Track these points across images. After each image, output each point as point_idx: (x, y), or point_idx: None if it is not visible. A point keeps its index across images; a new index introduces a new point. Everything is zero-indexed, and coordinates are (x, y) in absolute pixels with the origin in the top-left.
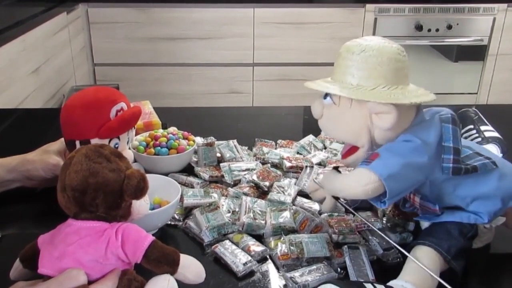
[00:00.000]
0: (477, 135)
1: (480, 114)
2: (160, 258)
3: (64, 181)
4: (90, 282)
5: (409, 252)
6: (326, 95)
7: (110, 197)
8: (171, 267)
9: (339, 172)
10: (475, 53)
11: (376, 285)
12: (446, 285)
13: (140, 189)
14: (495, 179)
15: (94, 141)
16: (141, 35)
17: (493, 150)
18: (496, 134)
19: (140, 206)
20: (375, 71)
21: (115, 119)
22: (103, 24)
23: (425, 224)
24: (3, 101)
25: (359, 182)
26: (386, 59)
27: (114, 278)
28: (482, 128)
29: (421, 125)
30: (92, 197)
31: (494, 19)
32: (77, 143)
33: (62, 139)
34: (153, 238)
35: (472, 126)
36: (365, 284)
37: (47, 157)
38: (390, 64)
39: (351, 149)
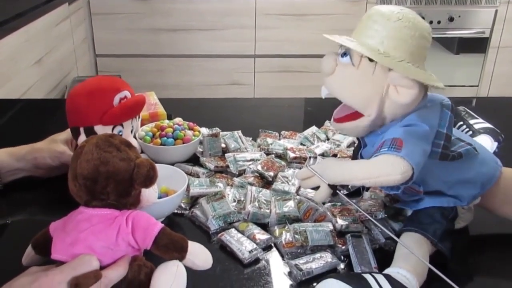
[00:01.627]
0: (467, 129)
1: (468, 110)
2: (169, 245)
3: (75, 169)
4: (101, 268)
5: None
6: (345, 53)
7: (121, 185)
8: (180, 253)
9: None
10: (477, 45)
11: (374, 275)
12: (435, 270)
13: (150, 178)
14: (476, 165)
15: (98, 128)
16: (143, 26)
17: (487, 140)
18: (487, 124)
19: (149, 194)
20: (405, 44)
21: (118, 106)
22: (105, 15)
23: (408, 212)
24: (6, 92)
25: (397, 170)
26: (418, 34)
27: (124, 264)
28: (472, 121)
29: (425, 109)
30: (103, 185)
31: (496, 12)
32: (81, 130)
33: (69, 129)
34: (162, 225)
35: (461, 123)
36: (364, 275)
37: (54, 145)
38: (421, 40)
39: (350, 115)
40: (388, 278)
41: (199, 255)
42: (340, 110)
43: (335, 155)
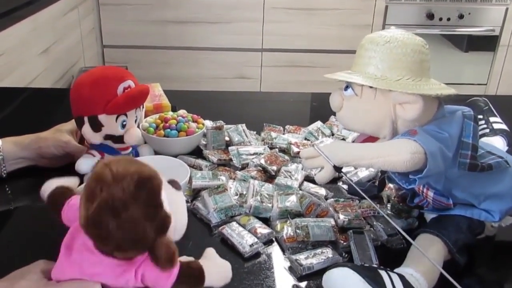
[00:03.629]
0: (485, 125)
1: (490, 105)
2: (188, 286)
3: (86, 212)
4: None
5: (414, 239)
6: (347, 86)
7: (132, 255)
8: (197, 285)
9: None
10: (486, 43)
11: (390, 273)
12: (450, 278)
13: (169, 268)
14: (508, 178)
15: (102, 117)
16: (151, 18)
17: (500, 142)
18: (504, 126)
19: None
20: (399, 62)
21: (122, 95)
22: (113, 5)
23: (430, 216)
24: (13, 80)
25: (407, 149)
26: (410, 50)
27: None
28: (491, 119)
29: (444, 119)
30: (110, 251)
31: (507, 9)
32: (85, 119)
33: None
34: (176, 275)
35: (481, 116)
36: (380, 272)
37: (59, 135)
38: (415, 55)
39: (368, 139)
40: (402, 279)
41: (217, 276)
42: (358, 136)
43: (343, 140)
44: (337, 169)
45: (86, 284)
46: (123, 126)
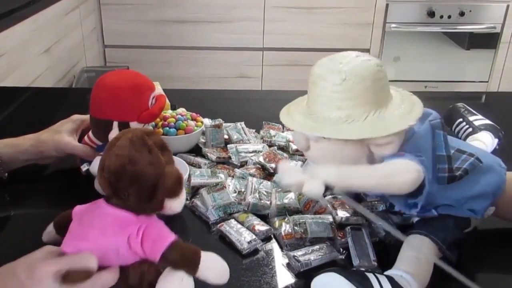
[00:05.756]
0: (467, 126)
1: (467, 106)
2: (179, 260)
3: (104, 161)
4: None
5: (402, 242)
6: None
7: (143, 190)
8: (190, 269)
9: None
10: (488, 41)
11: (378, 275)
12: (447, 267)
13: (174, 190)
14: (482, 176)
15: (133, 124)
16: (152, 18)
17: (487, 137)
18: (486, 121)
19: (173, 203)
20: (362, 99)
21: (156, 106)
22: (114, 5)
23: (415, 218)
24: (15, 80)
25: (412, 167)
26: (371, 82)
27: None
28: (471, 118)
29: (415, 138)
30: (125, 185)
31: (508, 7)
32: (115, 124)
33: (74, 117)
34: (173, 238)
35: (461, 119)
36: (368, 275)
37: (59, 137)
38: (376, 86)
39: None
40: (391, 281)
41: (213, 270)
42: None
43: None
44: (327, 186)
45: (85, 256)
46: None
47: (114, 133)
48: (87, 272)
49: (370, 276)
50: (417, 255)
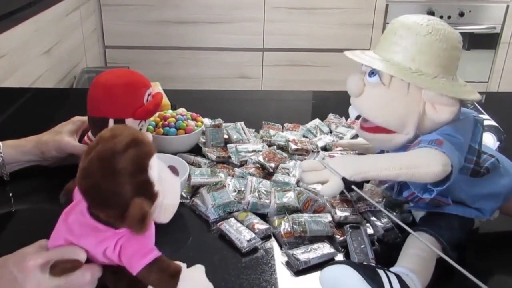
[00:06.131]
0: None
1: (476, 104)
2: (154, 284)
3: (80, 171)
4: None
5: (405, 236)
6: (372, 72)
7: (111, 215)
8: None
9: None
10: (487, 41)
11: (388, 273)
12: (454, 263)
13: (137, 230)
14: (499, 178)
15: (128, 121)
16: (152, 18)
17: (490, 138)
18: (492, 122)
19: (157, 217)
20: (438, 58)
21: (151, 103)
22: (114, 6)
23: (418, 214)
24: (15, 81)
25: (439, 161)
26: (450, 46)
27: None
28: None
29: (459, 122)
30: (94, 207)
31: (507, 7)
32: (111, 121)
33: (74, 119)
34: (151, 259)
35: None
36: (379, 271)
37: (59, 138)
38: (453, 52)
39: (383, 128)
40: (399, 279)
41: None
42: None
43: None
44: (348, 182)
45: (73, 249)
46: (140, 130)
47: None
48: (75, 262)
49: (381, 272)
50: (421, 253)
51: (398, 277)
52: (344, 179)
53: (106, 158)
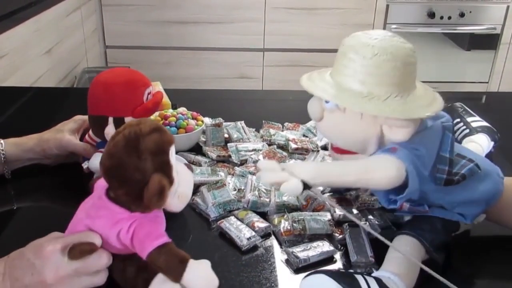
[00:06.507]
0: (464, 127)
1: (466, 107)
2: (162, 266)
3: (103, 155)
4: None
5: (391, 241)
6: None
7: (131, 193)
8: (173, 277)
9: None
10: (488, 41)
11: (366, 277)
12: (431, 272)
13: (155, 202)
14: (478, 183)
15: (128, 120)
16: (153, 18)
17: (483, 139)
18: (484, 123)
19: (170, 204)
20: (388, 78)
21: (150, 101)
22: (115, 6)
23: (406, 217)
24: (16, 81)
25: (393, 165)
26: (400, 64)
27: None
28: (469, 119)
29: (425, 132)
30: (115, 186)
31: (508, 8)
32: (110, 119)
33: (76, 117)
34: (162, 242)
35: (458, 120)
36: (356, 276)
37: (60, 136)
38: (405, 68)
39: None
40: (379, 282)
41: (198, 282)
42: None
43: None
44: (308, 186)
45: (89, 233)
46: None
47: (109, 129)
48: (92, 245)
49: (359, 277)
50: (405, 255)
51: (379, 281)
52: (304, 182)
53: (131, 138)
